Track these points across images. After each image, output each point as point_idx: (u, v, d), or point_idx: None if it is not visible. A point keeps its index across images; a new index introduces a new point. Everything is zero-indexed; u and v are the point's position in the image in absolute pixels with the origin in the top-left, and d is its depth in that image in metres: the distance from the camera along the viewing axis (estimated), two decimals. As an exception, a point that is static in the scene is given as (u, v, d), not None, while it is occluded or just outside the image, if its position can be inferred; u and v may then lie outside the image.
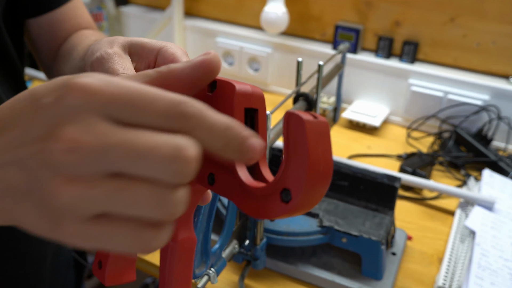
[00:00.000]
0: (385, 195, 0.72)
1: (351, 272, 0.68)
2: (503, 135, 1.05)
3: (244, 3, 1.31)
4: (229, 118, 0.26)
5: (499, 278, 0.68)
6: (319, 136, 0.26)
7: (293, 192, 0.27)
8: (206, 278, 0.54)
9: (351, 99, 1.22)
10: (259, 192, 0.29)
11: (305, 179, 0.26)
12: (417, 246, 0.77)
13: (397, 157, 1.02)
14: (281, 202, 0.27)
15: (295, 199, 0.26)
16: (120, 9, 1.46)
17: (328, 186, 0.27)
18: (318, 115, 0.27)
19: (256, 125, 0.32)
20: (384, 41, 1.14)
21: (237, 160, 0.26)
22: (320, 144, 0.26)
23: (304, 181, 0.26)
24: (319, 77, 0.73)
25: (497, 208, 0.83)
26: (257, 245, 0.63)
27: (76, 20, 0.66)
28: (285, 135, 0.27)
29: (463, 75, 1.08)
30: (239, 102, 0.31)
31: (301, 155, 0.26)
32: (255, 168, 0.31)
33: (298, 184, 0.26)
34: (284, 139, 0.27)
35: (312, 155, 0.26)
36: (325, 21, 1.22)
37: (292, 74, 1.27)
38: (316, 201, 0.28)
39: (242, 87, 0.31)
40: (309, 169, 0.26)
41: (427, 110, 1.11)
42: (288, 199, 0.27)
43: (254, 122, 0.32)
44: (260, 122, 0.32)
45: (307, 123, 0.26)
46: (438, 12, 1.09)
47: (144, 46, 0.39)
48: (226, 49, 1.31)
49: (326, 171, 0.27)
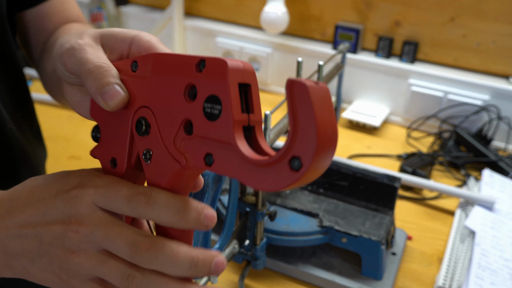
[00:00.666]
0: (385, 195, 0.72)
1: (351, 272, 0.68)
2: (503, 135, 1.05)
3: (244, 3, 1.31)
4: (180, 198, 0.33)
5: (499, 278, 0.68)
6: (322, 101, 0.26)
7: (303, 159, 0.26)
8: (206, 278, 0.54)
9: (351, 99, 1.22)
10: (266, 164, 0.28)
11: (314, 144, 0.26)
12: (417, 246, 0.77)
13: (397, 157, 1.02)
14: (290, 171, 0.27)
15: (306, 165, 0.26)
16: (120, 9, 1.46)
17: (335, 151, 0.27)
18: (318, 81, 0.27)
19: (250, 100, 0.31)
20: (384, 41, 1.14)
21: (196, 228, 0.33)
22: (324, 109, 0.26)
23: (314, 146, 0.26)
24: (319, 77, 0.73)
25: (497, 208, 0.83)
26: (257, 245, 0.63)
27: (65, 13, 0.65)
28: (290, 103, 0.27)
29: (463, 75, 1.08)
30: (233, 78, 0.30)
31: (308, 121, 0.26)
32: (254, 142, 0.31)
33: (308, 150, 0.26)
34: (289, 108, 0.27)
35: (319, 120, 0.26)
36: (325, 21, 1.22)
37: (292, 74, 1.27)
38: (325, 167, 0.27)
39: (234, 63, 0.31)
40: (318, 134, 0.26)
41: (427, 110, 1.11)
42: (298, 166, 0.26)
43: (248, 97, 0.31)
44: (254, 96, 0.32)
45: (310, 88, 0.26)
46: (438, 12, 1.09)
47: (116, 36, 0.38)
48: (226, 49, 1.31)
49: (333, 135, 0.27)
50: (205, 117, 0.31)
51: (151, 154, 0.35)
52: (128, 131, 0.36)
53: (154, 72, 0.34)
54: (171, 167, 0.33)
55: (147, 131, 0.35)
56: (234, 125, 0.30)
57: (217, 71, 0.31)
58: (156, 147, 0.34)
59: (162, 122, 0.34)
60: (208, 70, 0.31)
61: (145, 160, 0.35)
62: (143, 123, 0.35)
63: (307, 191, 0.75)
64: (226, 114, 0.30)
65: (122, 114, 0.37)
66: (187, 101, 0.32)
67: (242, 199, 0.62)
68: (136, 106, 0.36)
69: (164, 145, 0.34)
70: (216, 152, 0.31)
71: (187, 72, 0.32)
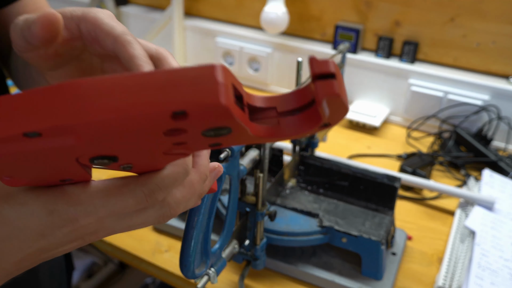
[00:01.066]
0: (385, 195, 0.72)
1: (351, 272, 0.68)
2: (503, 135, 1.05)
3: (244, 3, 1.31)
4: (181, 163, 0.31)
5: (499, 278, 0.68)
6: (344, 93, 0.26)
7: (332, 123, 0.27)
8: (206, 278, 0.54)
9: (351, 99, 1.22)
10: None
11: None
12: (417, 246, 0.77)
13: (397, 157, 1.02)
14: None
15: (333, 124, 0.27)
16: (120, 9, 1.46)
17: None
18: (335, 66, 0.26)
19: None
20: (384, 41, 1.14)
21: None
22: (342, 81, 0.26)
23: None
24: (319, 77, 0.73)
25: (497, 208, 0.83)
26: (257, 245, 0.63)
27: (36, 12, 0.65)
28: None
29: (463, 75, 1.08)
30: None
31: (341, 112, 0.26)
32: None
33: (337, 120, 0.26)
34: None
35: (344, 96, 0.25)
36: (325, 21, 1.22)
37: (292, 74, 1.27)
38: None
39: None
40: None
41: (427, 110, 1.11)
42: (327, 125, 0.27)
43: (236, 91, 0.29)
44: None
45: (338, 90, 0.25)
46: (438, 12, 1.09)
47: (64, 14, 0.35)
48: (226, 49, 1.31)
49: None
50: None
51: (131, 166, 0.30)
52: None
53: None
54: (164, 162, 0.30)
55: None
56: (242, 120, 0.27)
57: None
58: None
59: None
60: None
61: (124, 170, 0.30)
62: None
63: (307, 191, 0.75)
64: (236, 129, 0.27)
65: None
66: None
67: (242, 199, 0.62)
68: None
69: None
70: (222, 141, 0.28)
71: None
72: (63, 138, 0.24)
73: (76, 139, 0.24)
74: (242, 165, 0.56)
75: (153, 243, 0.74)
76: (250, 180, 0.69)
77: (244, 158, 0.58)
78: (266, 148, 0.59)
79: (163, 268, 0.70)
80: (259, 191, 0.60)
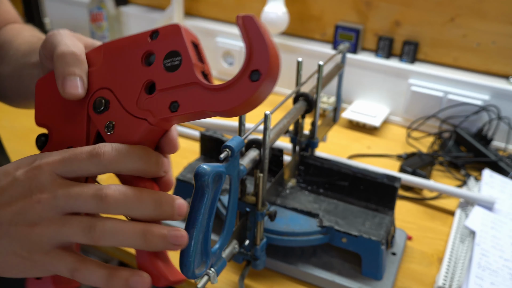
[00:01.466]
0: (385, 195, 0.72)
1: (351, 272, 0.68)
2: (503, 135, 1.05)
3: (244, 3, 1.31)
4: (140, 146, 0.38)
5: (499, 278, 0.68)
6: (264, 27, 0.35)
7: (261, 69, 0.34)
8: (206, 278, 0.54)
9: (351, 99, 1.22)
10: (229, 85, 0.35)
11: (268, 56, 0.34)
12: (417, 246, 0.77)
13: (397, 157, 1.02)
14: (251, 82, 0.34)
15: (264, 73, 0.34)
16: (120, 9, 1.46)
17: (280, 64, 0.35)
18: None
19: (202, 56, 0.39)
20: (384, 41, 1.14)
21: (156, 174, 0.39)
22: (266, 32, 0.35)
23: (268, 57, 0.34)
24: (319, 77, 0.73)
25: (497, 208, 0.83)
26: (257, 245, 0.63)
27: (3, 15, 0.65)
28: (244, 33, 0.35)
29: (463, 75, 1.08)
30: (188, 38, 0.38)
31: (261, 42, 0.34)
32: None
33: (264, 61, 0.34)
34: (244, 37, 0.35)
35: (269, 40, 0.34)
36: (325, 21, 1.22)
37: (292, 74, 1.27)
38: (277, 78, 0.35)
39: (183, 26, 0.39)
40: (270, 48, 0.34)
41: (427, 110, 1.11)
42: (257, 76, 0.34)
43: (200, 54, 0.39)
44: (202, 53, 0.39)
45: (255, 18, 0.35)
46: (438, 12, 1.09)
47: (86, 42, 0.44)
48: (226, 49, 1.31)
49: (278, 52, 0.35)
50: (166, 71, 0.38)
51: (113, 124, 0.39)
52: (85, 115, 0.40)
53: (107, 58, 0.41)
54: (138, 127, 0.38)
55: (106, 107, 0.40)
56: (195, 68, 0.37)
57: (172, 32, 0.38)
58: (118, 117, 0.39)
59: (122, 93, 0.39)
60: (163, 35, 0.39)
61: (108, 131, 0.39)
62: (102, 102, 0.40)
63: (307, 191, 0.75)
64: (187, 61, 0.38)
65: (76, 104, 0.41)
66: (145, 66, 0.39)
67: (242, 199, 0.62)
68: (90, 93, 0.40)
69: (126, 111, 0.39)
70: (180, 97, 0.37)
71: (142, 44, 0.39)
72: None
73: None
74: (242, 165, 0.56)
75: (153, 243, 0.74)
76: (250, 180, 0.69)
77: (244, 158, 0.58)
78: (266, 148, 0.59)
79: (163, 268, 0.70)
80: (259, 191, 0.60)
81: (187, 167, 0.80)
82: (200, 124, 1.07)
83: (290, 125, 0.68)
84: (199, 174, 0.48)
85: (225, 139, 0.80)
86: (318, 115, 0.75)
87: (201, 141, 0.83)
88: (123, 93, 0.39)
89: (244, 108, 0.35)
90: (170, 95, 0.38)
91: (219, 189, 0.52)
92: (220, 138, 0.80)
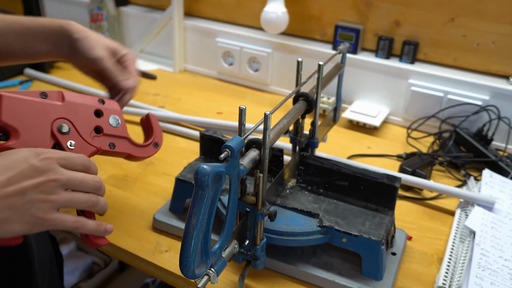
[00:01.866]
0: (385, 195, 0.72)
1: (351, 272, 0.68)
2: (503, 135, 1.05)
3: (244, 3, 1.31)
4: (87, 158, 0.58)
5: (499, 278, 0.68)
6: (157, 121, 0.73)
7: (159, 142, 0.72)
8: (206, 278, 0.54)
9: (351, 99, 1.22)
10: (144, 145, 0.70)
11: (161, 137, 0.73)
12: (417, 246, 0.77)
13: (397, 157, 1.02)
14: (153, 148, 0.71)
15: (159, 145, 0.72)
16: (120, 9, 1.46)
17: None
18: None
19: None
20: (384, 41, 1.14)
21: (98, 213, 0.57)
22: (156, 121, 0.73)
23: (162, 138, 0.73)
24: (319, 77, 0.73)
25: (497, 208, 0.83)
26: (257, 245, 0.63)
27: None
28: (149, 122, 0.73)
29: (463, 75, 1.08)
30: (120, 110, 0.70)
31: (158, 129, 0.73)
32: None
33: (160, 139, 0.72)
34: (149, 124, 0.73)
35: (159, 127, 0.73)
36: (325, 21, 1.22)
37: (292, 74, 1.27)
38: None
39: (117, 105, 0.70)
40: (160, 133, 0.73)
41: (427, 110, 1.11)
42: (156, 146, 0.72)
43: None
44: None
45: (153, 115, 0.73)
46: (438, 12, 1.09)
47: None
48: (226, 49, 1.31)
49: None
50: (110, 126, 0.65)
51: (74, 143, 0.60)
52: (49, 130, 0.59)
53: (69, 101, 0.61)
54: (90, 149, 0.62)
55: (68, 132, 0.60)
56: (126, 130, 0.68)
57: (112, 104, 0.67)
58: (77, 140, 0.61)
59: (80, 127, 0.61)
60: (107, 104, 0.66)
61: (70, 147, 0.60)
62: (66, 127, 0.60)
63: (307, 191, 0.75)
64: (123, 123, 0.67)
65: (40, 119, 0.58)
66: (96, 117, 0.64)
67: (242, 199, 0.62)
68: (52, 118, 0.59)
69: (83, 139, 0.61)
70: (116, 142, 0.66)
71: (94, 104, 0.64)
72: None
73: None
74: (242, 165, 0.56)
75: (153, 243, 0.74)
76: (250, 180, 0.69)
77: (244, 158, 0.58)
78: (266, 148, 0.59)
79: (163, 268, 0.70)
80: (259, 191, 0.60)
81: (187, 167, 0.80)
82: (200, 124, 1.07)
83: (290, 125, 0.68)
84: (199, 174, 0.48)
85: (225, 139, 0.80)
86: (318, 115, 0.75)
87: (201, 141, 0.83)
88: (81, 128, 0.61)
89: (147, 157, 0.70)
90: (110, 139, 0.65)
91: (219, 189, 0.52)
92: (220, 138, 0.80)
